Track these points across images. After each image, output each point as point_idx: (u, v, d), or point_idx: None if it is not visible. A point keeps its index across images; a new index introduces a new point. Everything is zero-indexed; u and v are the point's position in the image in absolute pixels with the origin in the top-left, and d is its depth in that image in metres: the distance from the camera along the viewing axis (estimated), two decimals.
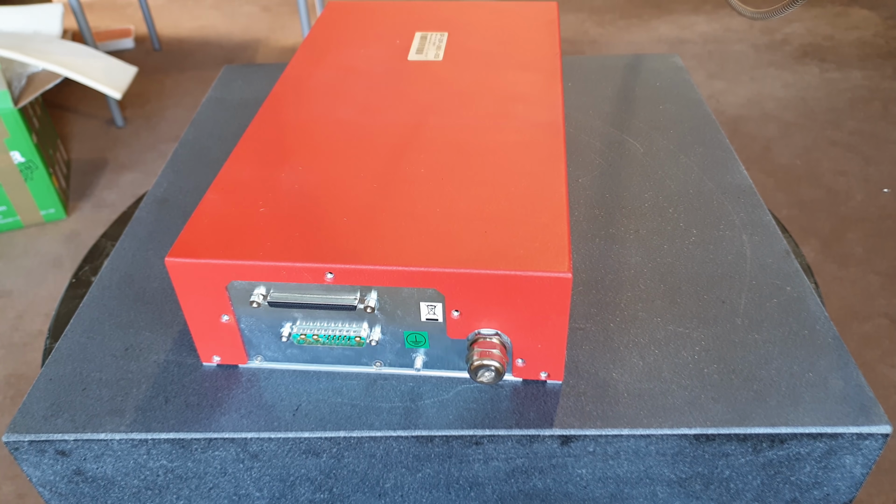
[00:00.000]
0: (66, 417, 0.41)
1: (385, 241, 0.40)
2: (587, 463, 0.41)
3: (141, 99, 2.18)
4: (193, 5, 2.82)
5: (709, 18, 2.58)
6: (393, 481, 0.43)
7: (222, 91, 0.75)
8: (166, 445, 0.40)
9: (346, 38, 0.62)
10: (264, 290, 0.40)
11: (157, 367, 0.44)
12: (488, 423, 0.40)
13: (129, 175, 1.86)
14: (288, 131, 0.50)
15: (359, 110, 0.51)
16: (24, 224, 1.67)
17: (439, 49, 0.59)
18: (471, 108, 0.51)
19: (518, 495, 0.44)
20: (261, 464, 0.42)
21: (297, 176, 0.45)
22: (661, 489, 0.43)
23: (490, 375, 0.39)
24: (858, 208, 1.59)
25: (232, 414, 0.41)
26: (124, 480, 0.42)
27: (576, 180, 0.57)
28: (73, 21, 2.28)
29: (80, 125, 2.07)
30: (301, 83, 0.56)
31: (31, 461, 0.41)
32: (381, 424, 0.40)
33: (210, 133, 0.67)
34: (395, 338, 0.41)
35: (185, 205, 0.58)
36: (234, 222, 0.41)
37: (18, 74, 1.57)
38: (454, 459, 0.42)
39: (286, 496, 0.44)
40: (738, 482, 0.42)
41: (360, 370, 0.43)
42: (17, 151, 1.54)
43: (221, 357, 0.44)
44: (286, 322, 0.41)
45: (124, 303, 0.49)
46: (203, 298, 0.40)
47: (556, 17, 0.65)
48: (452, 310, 0.39)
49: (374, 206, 0.42)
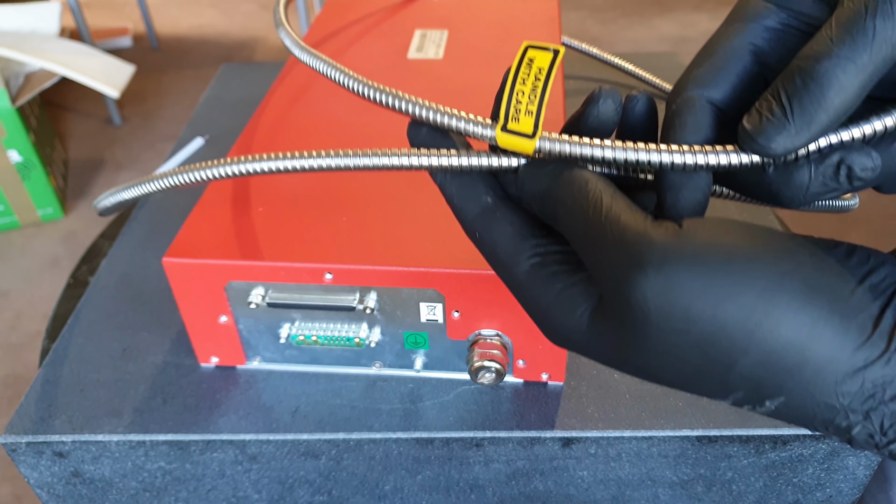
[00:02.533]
0: (63, 419, 0.41)
1: (385, 242, 0.39)
2: (588, 465, 0.41)
3: (139, 97, 2.18)
4: (192, 4, 2.82)
5: (711, 16, 2.57)
6: (392, 484, 0.43)
7: (220, 90, 0.75)
8: (164, 447, 0.40)
9: (345, 36, 0.62)
10: (263, 290, 0.39)
11: (154, 368, 0.44)
12: (489, 424, 0.40)
13: (127, 174, 1.85)
14: (286, 130, 0.49)
15: (358, 109, 0.51)
16: (22, 224, 1.67)
17: (439, 47, 0.59)
18: (471, 106, 0.51)
19: (519, 498, 0.43)
20: (259, 466, 0.41)
21: (295, 175, 0.45)
22: (663, 491, 0.43)
23: (491, 377, 0.39)
24: (861, 208, 1.58)
25: (230, 415, 0.41)
26: (122, 482, 0.42)
27: None
28: (70, 19, 2.28)
29: (77, 124, 2.06)
30: (300, 82, 0.55)
31: (29, 463, 0.41)
32: (381, 426, 0.40)
33: (208, 132, 0.67)
34: (394, 339, 0.41)
35: (183, 204, 0.58)
36: (232, 222, 0.41)
37: (16, 73, 1.57)
38: (454, 462, 0.41)
39: (285, 498, 0.43)
40: (741, 484, 0.42)
41: (359, 371, 0.43)
42: (14, 150, 1.53)
43: (220, 358, 0.43)
44: (285, 323, 0.41)
45: (122, 303, 0.48)
46: (201, 299, 0.40)
47: (556, 14, 0.64)
48: (453, 310, 0.39)
49: (373, 206, 0.42)
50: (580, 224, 0.23)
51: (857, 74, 0.21)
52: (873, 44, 0.20)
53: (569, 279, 0.24)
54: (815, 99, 0.21)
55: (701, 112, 0.25)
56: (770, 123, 0.22)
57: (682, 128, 0.24)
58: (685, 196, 0.24)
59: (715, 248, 0.21)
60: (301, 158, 0.27)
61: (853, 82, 0.21)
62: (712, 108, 0.25)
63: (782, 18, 0.25)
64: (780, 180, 0.23)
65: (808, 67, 0.21)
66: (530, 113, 0.24)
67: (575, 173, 0.24)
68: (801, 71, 0.21)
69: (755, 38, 0.25)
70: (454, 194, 0.27)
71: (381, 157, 0.26)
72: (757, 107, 0.22)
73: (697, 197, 0.24)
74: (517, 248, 0.25)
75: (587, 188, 0.23)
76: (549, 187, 0.24)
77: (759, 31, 0.25)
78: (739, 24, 0.25)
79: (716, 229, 0.22)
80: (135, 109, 2.13)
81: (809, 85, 0.21)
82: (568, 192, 0.24)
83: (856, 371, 0.20)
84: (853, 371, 0.20)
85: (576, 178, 0.24)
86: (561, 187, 0.24)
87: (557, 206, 0.24)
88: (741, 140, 0.23)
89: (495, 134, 0.25)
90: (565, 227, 0.24)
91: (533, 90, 0.24)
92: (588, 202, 0.23)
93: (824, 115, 0.21)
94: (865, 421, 0.21)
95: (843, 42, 0.21)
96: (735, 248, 0.21)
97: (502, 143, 0.25)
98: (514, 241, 0.26)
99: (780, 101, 0.22)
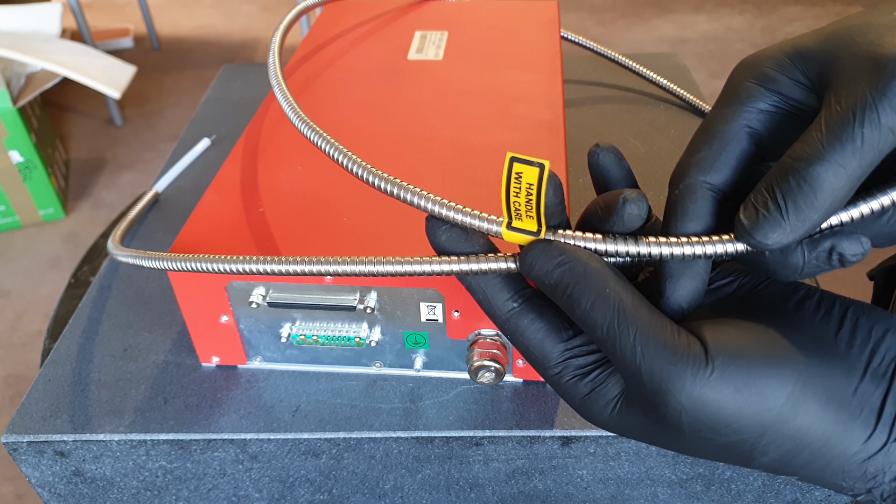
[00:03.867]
0: (64, 418, 0.41)
1: (385, 242, 0.39)
2: (588, 464, 0.41)
3: (140, 98, 2.18)
4: (192, 4, 2.82)
5: (710, 17, 2.58)
6: (393, 482, 0.43)
7: (221, 90, 0.75)
8: (165, 446, 0.40)
9: (345, 37, 0.62)
10: (263, 290, 0.40)
11: (156, 367, 0.44)
12: (489, 423, 0.40)
13: (128, 174, 1.86)
14: (287, 131, 0.49)
15: (358, 110, 0.51)
16: (23, 224, 1.67)
17: (439, 48, 0.59)
18: (471, 107, 0.51)
19: (518, 497, 0.43)
20: (260, 465, 0.41)
21: (296, 175, 0.45)
22: (662, 490, 0.43)
23: (490, 376, 0.39)
24: None
25: (231, 415, 0.41)
26: (123, 481, 0.42)
27: (576, 180, 0.57)
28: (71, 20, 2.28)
29: (78, 125, 2.07)
30: (300, 83, 0.55)
31: (30, 462, 0.41)
32: (381, 425, 0.40)
33: (209, 133, 0.67)
34: (394, 338, 0.41)
35: (184, 204, 0.58)
36: (233, 222, 0.41)
37: (17, 74, 1.57)
38: (454, 461, 0.41)
39: (285, 497, 0.43)
40: (740, 483, 0.42)
41: (359, 371, 0.43)
42: (15, 151, 1.54)
43: (220, 358, 0.44)
44: (285, 322, 0.41)
45: (123, 303, 0.49)
46: (202, 299, 0.40)
47: (556, 15, 0.64)
48: (452, 310, 0.39)
49: (373, 206, 0.42)
50: (604, 331, 0.25)
51: (848, 178, 0.22)
52: (861, 150, 0.21)
53: (598, 377, 0.27)
54: (808, 200, 0.22)
55: (702, 199, 0.26)
56: (766, 220, 0.23)
57: (683, 215, 0.26)
58: (684, 286, 0.26)
59: (738, 367, 0.23)
60: (330, 264, 0.29)
61: (843, 185, 0.22)
62: (713, 194, 0.26)
63: (774, 101, 0.26)
64: (777, 262, 0.24)
65: (801, 170, 0.22)
66: (531, 217, 0.25)
67: (589, 270, 0.25)
68: (794, 172, 0.22)
69: (750, 120, 0.26)
70: (482, 300, 0.28)
71: (406, 265, 0.28)
72: (752, 201, 0.24)
73: (696, 285, 0.26)
74: (547, 353, 0.27)
75: (606, 293, 0.25)
76: (561, 281, 0.25)
77: (753, 114, 0.26)
78: (735, 108, 0.26)
79: (736, 345, 0.24)
80: (136, 110, 2.13)
81: (803, 187, 0.22)
82: (585, 292, 0.25)
83: (860, 462, 0.23)
84: (858, 462, 0.23)
85: (591, 277, 0.25)
86: (575, 284, 0.25)
87: (574, 306, 0.25)
88: (738, 232, 0.24)
89: (501, 231, 0.26)
90: (587, 328, 0.25)
91: (528, 203, 0.25)
92: (610, 309, 0.24)
93: (816, 215, 0.22)
94: (867, 494, 0.24)
95: (833, 148, 0.22)
96: (755, 364, 0.23)
97: (509, 239, 0.26)
98: (544, 346, 0.27)
99: (774, 199, 0.23)
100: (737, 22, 2.53)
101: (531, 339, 0.27)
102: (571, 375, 0.27)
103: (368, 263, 0.28)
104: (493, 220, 0.26)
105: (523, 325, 0.27)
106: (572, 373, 0.27)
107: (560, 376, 0.27)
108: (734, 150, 0.26)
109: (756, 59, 0.27)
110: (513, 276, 0.28)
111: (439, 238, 0.28)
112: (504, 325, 0.28)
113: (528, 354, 0.28)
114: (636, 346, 0.24)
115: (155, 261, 0.36)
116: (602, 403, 0.26)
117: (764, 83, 0.26)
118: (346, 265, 0.29)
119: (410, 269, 0.28)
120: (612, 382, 0.26)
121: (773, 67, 0.26)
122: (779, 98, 0.26)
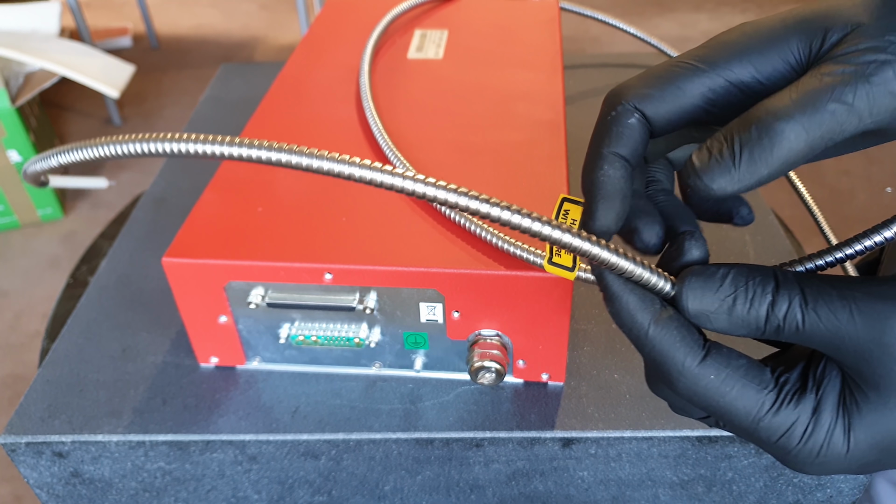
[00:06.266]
0: (63, 419, 0.41)
1: (384, 242, 0.39)
2: (589, 465, 0.41)
3: (138, 98, 2.18)
4: (191, 3, 2.81)
5: (711, 16, 2.57)
6: (392, 484, 0.42)
7: (220, 90, 0.75)
8: (164, 447, 0.40)
9: (345, 36, 0.62)
10: (262, 290, 0.39)
11: (154, 368, 0.44)
12: (489, 425, 0.40)
13: (127, 174, 1.85)
14: (286, 130, 0.49)
15: (358, 109, 0.51)
16: (21, 224, 1.67)
17: (439, 47, 0.59)
18: (471, 106, 0.51)
19: (519, 498, 0.43)
20: (259, 466, 0.41)
21: (295, 175, 0.45)
22: (664, 492, 0.43)
23: (491, 377, 0.39)
24: (861, 208, 1.58)
25: (230, 416, 0.41)
26: (122, 482, 0.42)
27: (577, 180, 0.57)
28: (70, 19, 2.28)
29: (77, 124, 2.06)
30: (300, 82, 0.55)
31: (29, 463, 0.41)
32: (381, 426, 0.40)
33: (208, 132, 0.67)
34: (394, 339, 0.41)
35: (182, 204, 0.58)
36: (231, 222, 0.41)
37: (16, 73, 1.57)
38: (454, 462, 0.41)
39: (284, 499, 0.43)
40: (741, 484, 0.42)
41: (359, 371, 0.43)
42: (14, 150, 1.53)
43: (219, 358, 0.43)
44: (284, 323, 0.41)
45: (121, 303, 0.48)
46: (200, 299, 0.40)
47: (557, 14, 0.64)
48: (452, 310, 0.39)
49: (373, 206, 0.42)
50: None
51: (806, 143, 0.22)
52: (829, 121, 0.22)
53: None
54: (764, 154, 0.22)
55: (637, 128, 0.26)
56: (718, 165, 0.23)
57: (618, 139, 0.26)
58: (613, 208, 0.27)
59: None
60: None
61: (801, 148, 0.22)
62: (647, 127, 0.26)
63: (751, 73, 0.25)
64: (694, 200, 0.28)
65: (766, 122, 0.22)
66: (569, 252, 0.26)
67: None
68: (758, 122, 0.22)
69: (715, 86, 0.26)
70: (628, 305, 0.26)
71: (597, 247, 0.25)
72: (708, 145, 0.23)
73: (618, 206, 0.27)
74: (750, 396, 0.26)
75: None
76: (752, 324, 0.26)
77: (719, 81, 0.26)
78: (706, 72, 0.26)
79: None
80: (134, 109, 2.13)
81: (763, 139, 0.22)
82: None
83: None
84: None
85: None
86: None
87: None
88: (685, 171, 0.24)
89: (543, 264, 0.30)
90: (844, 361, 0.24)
91: None
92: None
93: (766, 171, 0.22)
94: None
95: (804, 109, 0.22)
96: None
97: (549, 271, 0.28)
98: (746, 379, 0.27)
99: (731, 147, 0.23)
100: (738, 20, 2.53)
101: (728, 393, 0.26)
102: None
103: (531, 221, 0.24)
104: (538, 253, 0.34)
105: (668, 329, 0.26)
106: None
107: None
108: (685, 102, 0.26)
109: (755, 26, 0.26)
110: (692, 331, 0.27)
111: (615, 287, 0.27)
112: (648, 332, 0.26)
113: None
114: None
115: (66, 154, 0.27)
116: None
117: (745, 54, 0.25)
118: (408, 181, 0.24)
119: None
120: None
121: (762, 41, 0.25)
122: (752, 77, 0.25)
